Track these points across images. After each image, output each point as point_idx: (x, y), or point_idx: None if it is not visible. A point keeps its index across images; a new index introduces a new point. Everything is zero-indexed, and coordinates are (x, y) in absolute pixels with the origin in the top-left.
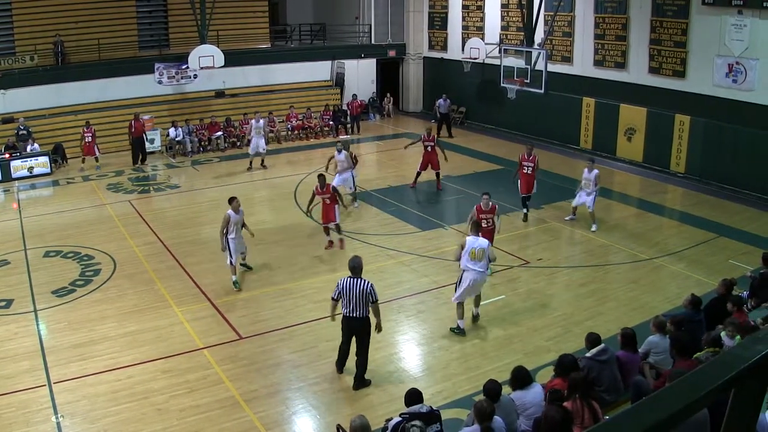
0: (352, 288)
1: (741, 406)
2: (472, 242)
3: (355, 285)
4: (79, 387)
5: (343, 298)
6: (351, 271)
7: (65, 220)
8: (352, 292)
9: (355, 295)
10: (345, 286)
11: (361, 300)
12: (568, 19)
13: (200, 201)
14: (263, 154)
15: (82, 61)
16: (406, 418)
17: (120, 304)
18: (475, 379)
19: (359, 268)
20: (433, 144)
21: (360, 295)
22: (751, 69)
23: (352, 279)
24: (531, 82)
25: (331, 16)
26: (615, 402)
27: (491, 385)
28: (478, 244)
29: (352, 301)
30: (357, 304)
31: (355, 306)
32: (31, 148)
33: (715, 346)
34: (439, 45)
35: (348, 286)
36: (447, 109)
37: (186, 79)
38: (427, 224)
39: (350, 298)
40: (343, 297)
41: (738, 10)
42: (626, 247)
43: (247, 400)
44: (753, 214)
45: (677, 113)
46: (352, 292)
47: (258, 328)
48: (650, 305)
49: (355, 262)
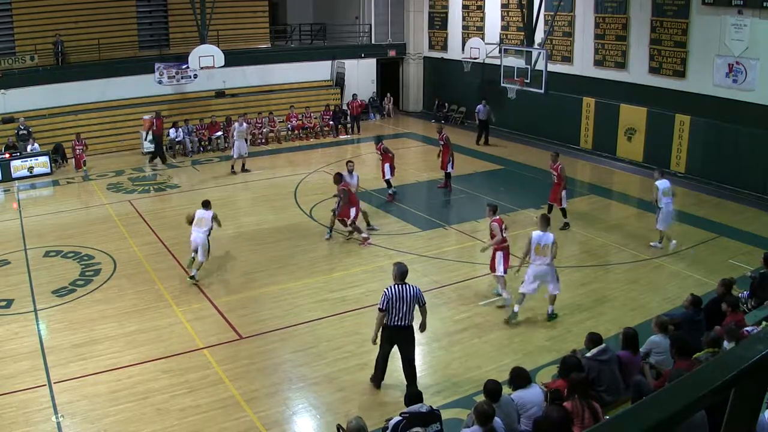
0: (402, 295)
1: (741, 407)
2: (539, 237)
3: (405, 291)
4: (79, 387)
5: (392, 307)
6: (399, 277)
7: (65, 220)
8: (402, 300)
9: (406, 301)
10: (394, 293)
11: (411, 306)
12: (568, 19)
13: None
14: (245, 157)
15: (82, 61)
16: (406, 418)
17: (120, 304)
18: (475, 379)
19: (407, 273)
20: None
21: (411, 301)
22: (751, 69)
23: (401, 286)
24: (531, 82)
25: (331, 16)
26: (615, 402)
27: (491, 385)
28: (544, 239)
29: (402, 309)
30: (407, 312)
31: (404, 314)
32: (31, 148)
33: (715, 346)
34: (439, 45)
35: (397, 294)
36: (486, 115)
37: (186, 79)
38: (428, 224)
39: (400, 306)
40: (391, 306)
41: (738, 10)
42: (626, 247)
43: (247, 400)
44: (753, 214)
45: (677, 113)
46: (402, 299)
47: (258, 328)
48: (650, 305)
49: (404, 269)
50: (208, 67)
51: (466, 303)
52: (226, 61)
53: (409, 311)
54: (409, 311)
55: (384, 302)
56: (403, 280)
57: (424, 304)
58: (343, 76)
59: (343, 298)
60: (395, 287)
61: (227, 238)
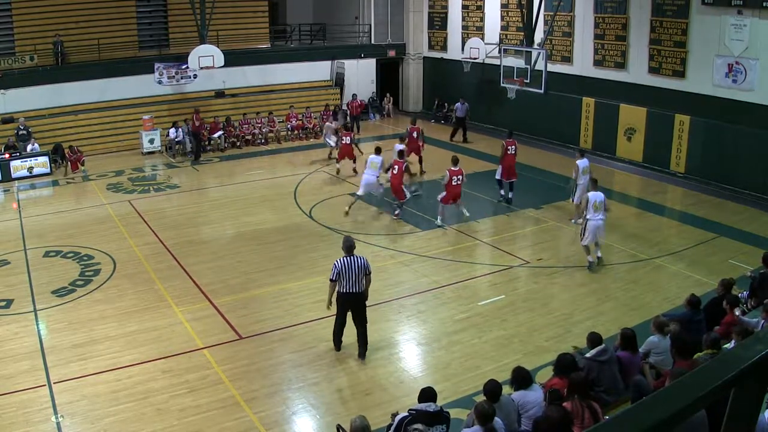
0: (350, 266)
1: (741, 406)
2: (594, 196)
3: (353, 262)
4: (79, 387)
5: (342, 277)
6: (347, 250)
7: (65, 220)
8: (351, 270)
9: (354, 271)
10: (344, 265)
11: (359, 275)
12: (567, 19)
13: (200, 201)
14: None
15: (82, 61)
16: (413, 414)
17: (120, 304)
18: (475, 379)
19: (354, 246)
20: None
21: (358, 270)
22: (751, 69)
23: (349, 258)
24: (531, 82)
25: (331, 16)
26: (615, 402)
27: (491, 385)
28: (598, 197)
29: (351, 278)
30: (356, 281)
31: (354, 282)
32: (31, 148)
33: (715, 346)
34: (439, 45)
35: (347, 265)
36: (464, 113)
37: (186, 79)
38: (428, 224)
39: (349, 275)
40: (341, 276)
41: (738, 10)
42: (626, 247)
43: (247, 400)
44: (753, 214)
45: (677, 113)
46: (351, 269)
47: (258, 328)
48: (650, 305)
49: (351, 242)
50: (208, 67)
51: (466, 303)
52: (226, 61)
53: (358, 280)
54: (358, 280)
55: (334, 273)
56: (350, 253)
57: (369, 273)
58: (343, 76)
59: None
60: (344, 259)
61: (227, 238)
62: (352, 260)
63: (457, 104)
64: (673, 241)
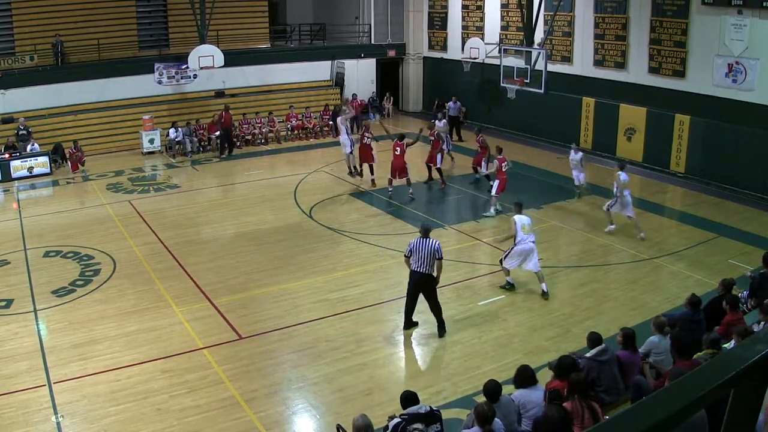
0: (422, 247)
1: (741, 406)
2: (522, 220)
3: (425, 244)
4: (79, 387)
5: (414, 255)
6: (423, 233)
7: (65, 220)
8: (422, 250)
9: (425, 251)
10: (416, 245)
11: (429, 257)
12: (567, 19)
13: (200, 201)
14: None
15: (82, 61)
16: (405, 419)
17: (120, 304)
18: (475, 379)
19: (430, 230)
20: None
21: (429, 252)
22: (751, 69)
23: (422, 239)
24: (531, 82)
25: (331, 16)
26: (615, 402)
27: (491, 385)
28: (526, 220)
29: (422, 258)
30: (426, 261)
31: (424, 262)
32: (31, 148)
33: (715, 347)
34: (439, 45)
35: (419, 245)
36: (457, 112)
37: (186, 79)
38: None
39: (420, 254)
40: (414, 254)
41: (738, 10)
42: (626, 247)
43: (247, 400)
44: (753, 214)
45: (677, 113)
46: (422, 250)
47: (258, 328)
48: (650, 305)
49: (428, 226)
50: (208, 67)
51: (466, 303)
52: (225, 61)
53: (428, 261)
54: (428, 261)
55: (408, 250)
56: (426, 235)
57: (439, 258)
58: (343, 76)
59: (343, 298)
60: (419, 240)
61: (227, 238)
62: (425, 242)
63: (450, 103)
64: (673, 241)
